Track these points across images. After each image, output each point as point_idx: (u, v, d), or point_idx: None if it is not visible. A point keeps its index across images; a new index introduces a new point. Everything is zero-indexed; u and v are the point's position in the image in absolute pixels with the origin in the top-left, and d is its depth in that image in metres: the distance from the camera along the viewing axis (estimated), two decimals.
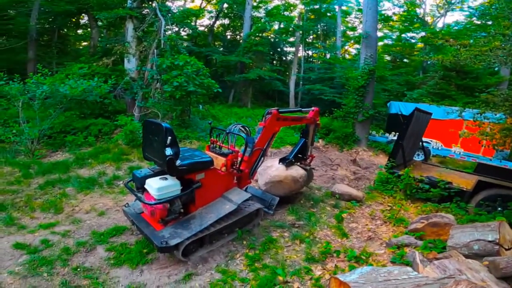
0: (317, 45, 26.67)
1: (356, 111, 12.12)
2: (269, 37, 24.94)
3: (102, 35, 17.57)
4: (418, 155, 11.51)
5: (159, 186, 3.83)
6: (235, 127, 5.35)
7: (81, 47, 21.72)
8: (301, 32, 22.09)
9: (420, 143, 9.31)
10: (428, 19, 26.00)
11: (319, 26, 26.05)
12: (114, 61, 12.89)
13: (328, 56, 25.20)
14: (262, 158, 5.57)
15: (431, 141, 12.88)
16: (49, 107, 9.16)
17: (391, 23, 27.02)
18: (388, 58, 26.53)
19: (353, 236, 5.23)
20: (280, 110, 5.45)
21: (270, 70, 21.89)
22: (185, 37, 23.03)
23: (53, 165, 7.74)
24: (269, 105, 22.97)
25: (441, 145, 12.99)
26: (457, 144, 12.84)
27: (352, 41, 29.89)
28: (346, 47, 30.44)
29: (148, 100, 10.87)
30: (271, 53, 25.73)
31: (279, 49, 27.27)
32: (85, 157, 8.55)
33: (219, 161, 4.69)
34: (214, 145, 5.14)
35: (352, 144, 11.88)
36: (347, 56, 29.14)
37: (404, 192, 6.85)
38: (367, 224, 5.64)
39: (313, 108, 6.44)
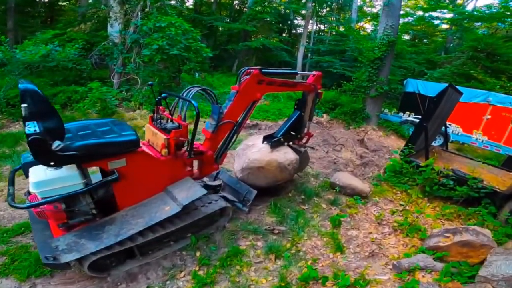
0: (330, 18, 23.83)
1: (368, 85, 10.24)
2: (280, 8, 22.36)
3: (89, 1, 15.55)
4: (436, 139, 9.78)
5: (38, 180, 2.36)
6: (191, 91, 3.75)
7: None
8: (313, 3, 19.50)
9: (443, 127, 7.58)
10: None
11: None
12: (98, 27, 11.65)
13: (341, 29, 22.58)
14: (235, 135, 4.04)
15: (450, 125, 11.04)
16: (7, 75, 8.06)
17: (413, 1, 23.97)
18: (407, 37, 23.85)
19: (351, 249, 3.75)
20: (263, 70, 3.82)
21: (277, 40, 19.64)
22: (190, 6, 20.86)
23: (2, 136, 6.34)
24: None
25: (461, 130, 11.16)
26: (479, 130, 11.00)
27: (368, 18, 26.72)
28: (361, 24, 27.23)
29: (128, 66, 9.33)
30: (280, 24, 23.26)
31: (289, 22, 24.59)
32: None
33: (158, 140, 3.15)
34: (159, 115, 3.53)
35: (360, 122, 10.14)
36: (361, 33, 26.30)
37: (422, 188, 5.29)
38: (370, 232, 4.14)
39: (314, 73, 4.74)
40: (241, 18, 18.87)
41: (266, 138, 4.70)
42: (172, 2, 20.70)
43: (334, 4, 24.01)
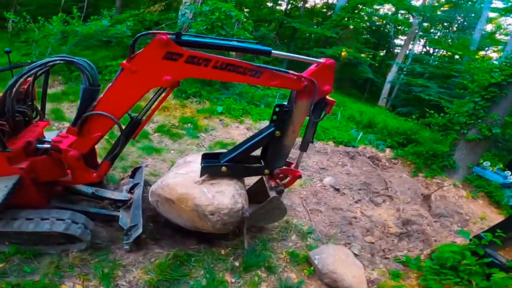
0: (443, 38, 19.05)
1: (468, 122, 6.87)
2: (377, 21, 19.17)
3: None
4: None
5: None
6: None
7: None
8: (420, 17, 15.77)
9: None
10: None
11: (456, 16, 18.36)
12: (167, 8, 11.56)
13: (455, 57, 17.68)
14: (127, 138, 2.69)
15: None
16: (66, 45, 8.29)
17: None
18: None
19: None
20: (182, 38, 2.26)
21: (359, 52, 16.62)
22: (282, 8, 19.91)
23: None
24: (353, 95, 18.00)
25: None
26: None
27: (500, 46, 20.09)
28: (486, 52, 20.73)
29: None
30: (376, 39, 19.86)
31: (389, 39, 20.84)
32: (69, 92, 6.78)
33: None
34: None
35: (438, 171, 6.87)
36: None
37: None
38: None
39: (322, 60, 2.58)
40: (324, 23, 16.76)
41: (206, 158, 2.81)
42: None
43: (453, 24, 19.34)
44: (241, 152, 2.77)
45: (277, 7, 20.79)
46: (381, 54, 22.61)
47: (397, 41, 21.08)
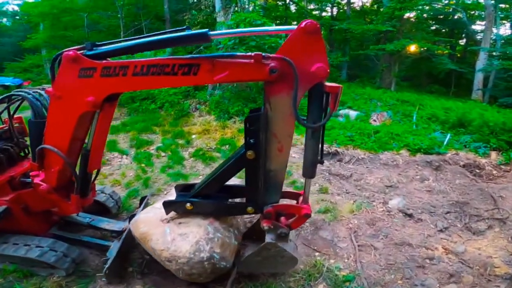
0: None
1: None
2: (446, 10, 15.97)
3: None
4: None
5: None
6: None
7: None
8: None
9: None
10: None
11: None
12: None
13: None
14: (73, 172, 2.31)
15: None
16: None
17: None
18: None
19: None
20: (95, 48, 1.91)
21: (430, 42, 13.71)
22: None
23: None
24: (435, 91, 14.94)
25: None
26: None
27: None
28: None
29: None
30: (440, 26, 16.52)
31: (463, 27, 16.95)
32: (127, 123, 7.24)
33: None
34: None
35: None
36: None
37: None
38: None
39: (302, 24, 1.54)
40: (376, 18, 14.88)
41: (180, 191, 2.15)
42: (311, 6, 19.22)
43: None
44: (208, 185, 1.99)
45: (323, 14, 19.60)
46: (460, 43, 18.62)
47: (475, 27, 17.06)
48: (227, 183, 2.11)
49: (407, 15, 14.53)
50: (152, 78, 1.73)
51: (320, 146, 1.82)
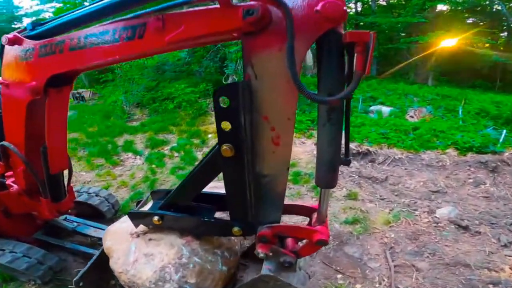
0: None
1: None
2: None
3: None
4: None
5: None
6: None
7: None
8: None
9: None
10: None
11: None
12: None
13: None
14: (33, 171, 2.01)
15: None
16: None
17: None
18: None
19: None
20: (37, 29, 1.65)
21: (473, 34, 12.24)
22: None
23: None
24: (479, 86, 13.61)
25: None
26: None
27: None
28: None
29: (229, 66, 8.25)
30: (478, 19, 14.85)
31: (504, 18, 15.11)
32: (146, 124, 7.08)
33: None
34: None
35: None
36: None
37: None
38: None
39: None
40: (405, 10, 13.65)
41: (157, 199, 1.69)
42: None
43: None
44: (178, 194, 1.49)
45: (348, 10, 18.67)
46: (502, 35, 16.74)
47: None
48: (216, 191, 1.62)
49: (440, 7, 13.36)
50: (91, 50, 1.40)
51: (343, 137, 1.19)
